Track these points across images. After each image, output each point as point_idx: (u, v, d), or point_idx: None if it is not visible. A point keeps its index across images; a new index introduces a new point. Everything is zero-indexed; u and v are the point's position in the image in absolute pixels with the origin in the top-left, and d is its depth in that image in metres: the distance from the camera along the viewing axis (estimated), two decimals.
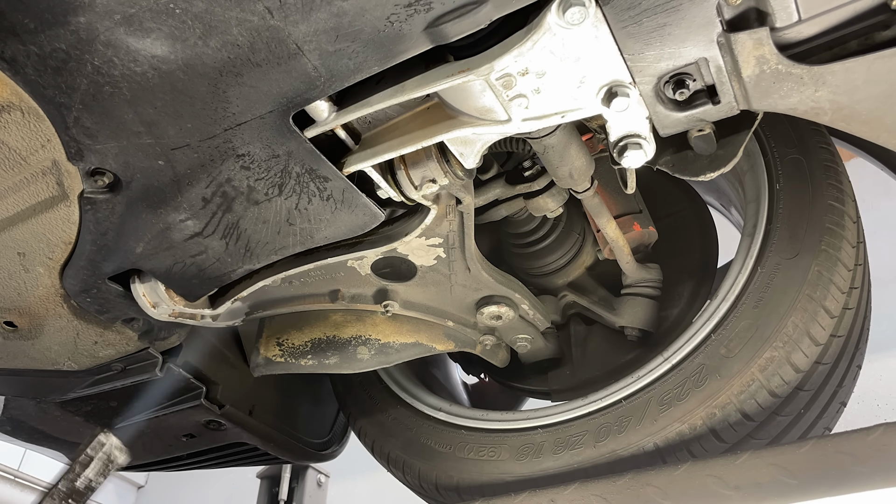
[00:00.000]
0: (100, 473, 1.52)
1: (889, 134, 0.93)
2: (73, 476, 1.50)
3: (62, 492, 1.47)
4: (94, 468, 1.52)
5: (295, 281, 1.45)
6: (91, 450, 1.53)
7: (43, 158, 1.03)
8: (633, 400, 1.37)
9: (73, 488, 1.49)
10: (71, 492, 1.48)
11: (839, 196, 1.34)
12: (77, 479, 1.50)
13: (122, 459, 1.60)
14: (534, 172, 1.52)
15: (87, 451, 1.53)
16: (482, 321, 1.57)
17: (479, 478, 1.48)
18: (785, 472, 1.02)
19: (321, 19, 0.83)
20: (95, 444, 1.54)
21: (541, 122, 1.00)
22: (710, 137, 1.08)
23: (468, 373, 2.16)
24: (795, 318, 1.25)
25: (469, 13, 0.82)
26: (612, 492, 1.15)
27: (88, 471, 1.51)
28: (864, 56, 0.86)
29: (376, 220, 1.15)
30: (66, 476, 1.49)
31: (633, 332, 1.66)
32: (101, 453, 1.52)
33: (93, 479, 1.51)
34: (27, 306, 1.29)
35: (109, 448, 1.55)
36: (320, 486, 2.78)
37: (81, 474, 1.50)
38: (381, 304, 1.48)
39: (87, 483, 1.50)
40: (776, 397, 1.24)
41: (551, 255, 1.75)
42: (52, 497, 1.45)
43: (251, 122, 0.96)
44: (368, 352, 1.65)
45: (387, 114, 1.06)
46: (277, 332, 1.70)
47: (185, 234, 1.14)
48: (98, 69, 0.88)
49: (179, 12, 0.82)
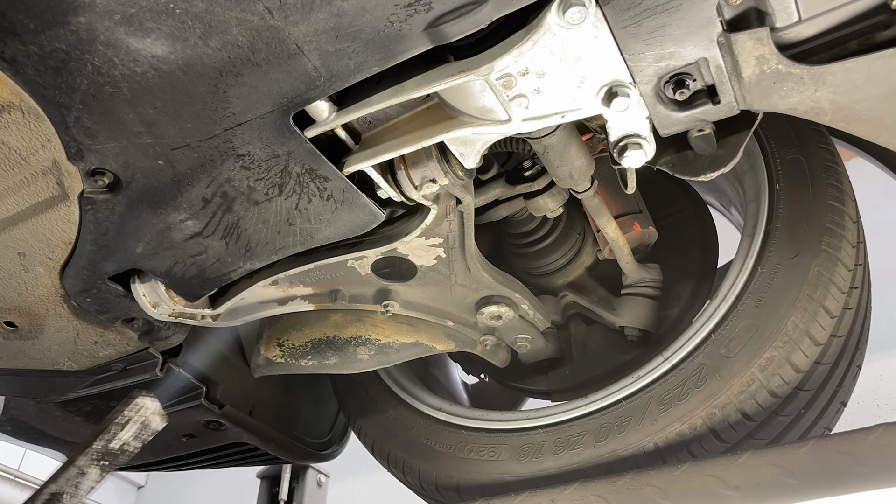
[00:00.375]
0: (136, 437, 1.45)
1: (889, 134, 0.93)
2: (108, 436, 1.42)
3: (97, 451, 1.40)
4: (130, 430, 1.44)
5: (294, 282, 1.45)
6: (129, 410, 1.44)
7: (43, 158, 1.03)
8: (633, 400, 1.37)
9: (107, 449, 1.41)
10: (105, 452, 1.41)
11: (839, 196, 1.34)
12: (112, 440, 1.42)
13: (158, 425, 1.51)
14: (534, 172, 1.52)
15: (124, 412, 1.45)
16: (482, 321, 1.57)
17: (479, 478, 1.48)
18: (785, 472, 1.02)
19: (321, 19, 0.83)
20: (134, 406, 1.46)
21: (541, 122, 1.00)
22: (711, 137, 1.08)
23: (468, 373, 2.16)
24: (795, 318, 1.25)
25: (469, 13, 0.82)
26: (612, 492, 1.15)
27: (124, 433, 1.43)
28: (864, 56, 0.86)
29: (376, 220, 1.15)
30: (101, 436, 1.42)
31: (633, 332, 1.66)
32: (139, 416, 1.45)
33: (128, 441, 1.44)
34: (27, 306, 1.29)
35: (148, 412, 1.47)
36: (320, 486, 2.78)
37: (117, 435, 1.43)
38: (381, 304, 1.48)
39: (122, 445, 1.43)
40: (776, 397, 1.24)
41: (551, 255, 1.75)
42: (86, 455, 1.39)
43: (251, 123, 0.96)
44: (368, 352, 1.65)
45: (387, 114, 1.06)
46: (278, 333, 1.70)
47: (185, 234, 1.14)
48: (98, 69, 0.88)
49: (179, 12, 0.82)
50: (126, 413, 1.44)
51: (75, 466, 1.37)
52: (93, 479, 1.40)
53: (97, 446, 1.40)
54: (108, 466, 1.41)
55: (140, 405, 1.45)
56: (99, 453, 1.40)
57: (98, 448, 1.40)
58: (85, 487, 1.38)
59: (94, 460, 1.39)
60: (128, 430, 1.44)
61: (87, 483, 1.39)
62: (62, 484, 1.36)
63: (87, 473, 1.39)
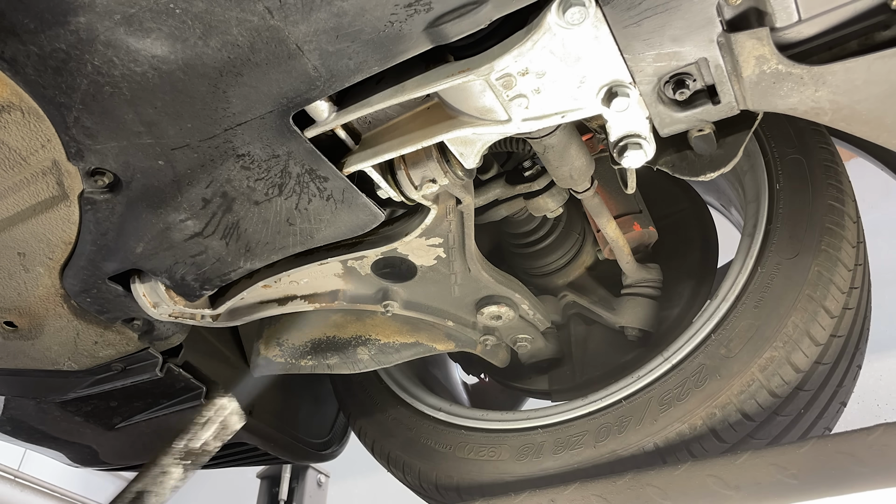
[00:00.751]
0: (216, 437, 1.47)
1: (889, 134, 0.93)
2: (190, 436, 1.45)
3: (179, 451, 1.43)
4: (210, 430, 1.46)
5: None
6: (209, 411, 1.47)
7: (43, 158, 1.03)
8: (633, 400, 1.37)
9: (189, 448, 1.44)
10: (187, 452, 1.44)
11: (839, 196, 1.34)
12: (193, 440, 1.45)
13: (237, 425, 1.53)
14: (534, 172, 1.52)
15: (207, 413, 1.48)
16: (482, 321, 1.57)
17: (479, 478, 1.48)
18: (785, 472, 1.02)
19: (321, 19, 0.83)
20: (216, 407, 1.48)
21: (541, 122, 1.00)
22: (711, 137, 1.08)
23: (468, 373, 2.16)
24: (795, 318, 1.25)
25: (469, 13, 0.82)
26: (612, 492, 1.15)
27: (206, 433, 1.46)
28: (864, 56, 0.86)
29: (376, 220, 1.15)
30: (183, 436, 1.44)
31: (633, 332, 1.66)
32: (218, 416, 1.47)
33: (209, 442, 1.46)
34: (27, 306, 1.29)
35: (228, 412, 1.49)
36: (320, 486, 2.78)
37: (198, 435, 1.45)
38: (381, 304, 1.48)
39: (203, 445, 1.45)
40: (776, 397, 1.24)
41: (551, 255, 1.75)
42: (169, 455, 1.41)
43: (251, 123, 0.96)
44: (368, 352, 1.65)
45: (387, 114, 1.06)
46: (278, 332, 1.70)
47: (185, 234, 1.14)
48: (98, 69, 0.88)
49: (179, 12, 0.82)
50: (206, 413, 1.46)
51: (158, 466, 1.40)
52: (176, 477, 1.42)
53: (179, 446, 1.43)
54: (190, 466, 1.44)
55: (220, 406, 1.48)
56: (181, 453, 1.43)
57: (180, 448, 1.44)
58: (168, 486, 1.40)
59: (176, 460, 1.42)
60: (208, 430, 1.46)
61: (171, 482, 1.41)
62: (146, 483, 1.38)
63: (170, 472, 1.42)
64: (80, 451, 1.88)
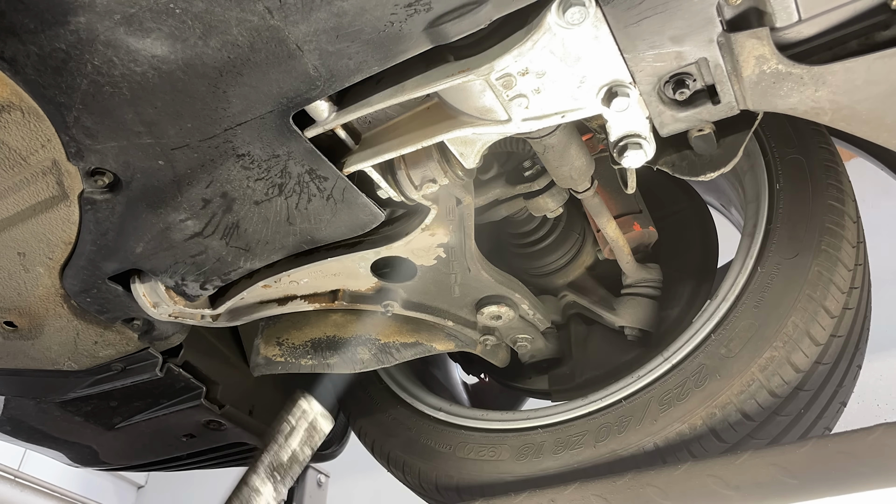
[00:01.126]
0: (304, 443, 1.39)
1: (889, 134, 0.93)
2: (276, 448, 1.36)
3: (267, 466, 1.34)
4: (298, 438, 1.39)
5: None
6: (293, 418, 1.40)
7: (43, 158, 1.03)
8: (633, 400, 1.37)
9: (278, 462, 1.35)
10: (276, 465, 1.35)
11: (839, 196, 1.34)
12: (281, 451, 1.36)
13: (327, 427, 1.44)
14: (534, 172, 1.52)
15: (288, 420, 1.40)
16: (482, 321, 1.57)
17: (479, 478, 1.48)
18: (785, 472, 1.02)
19: (321, 19, 0.83)
20: (297, 412, 1.41)
21: (541, 121, 1.00)
22: (711, 137, 1.08)
23: (468, 373, 2.16)
24: (795, 318, 1.25)
25: (469, 13, 0.82)
26: (612, 492, 1.15)
27: (293, 441, 1.38)
28: (864, 56, 0.86)
29: (376, 220, 1.15)
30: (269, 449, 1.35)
31: (632, 331, 1.66)
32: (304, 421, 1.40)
33: (298, 450, 1.38)
34: (27, 306, 1.29)
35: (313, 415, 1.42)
36: (320, 486, 2.78)
37: (285, 445, 1.37)
38: (381, 304, 1.48)
39: (293, 455, 1.37)
40: (776, 397, 1.24)
41: (551, 255, 1.75)
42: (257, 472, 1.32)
43: (251, 122, 0.96)
44: (368, 352, 1.65)
45: (387, 114, 1.06)
46: (277, 332, 1.70)
47: (185, 234, 1.14)
48: (98, 69, 0.88)
49: (179, 12, 0.82)
50: (290, 420, 1.40)
51: (248, 486, 1.33)
52: (268, 495, 1.34)
53: (266, 461, 1.36)
54: (281, 480, 1.37)
55: (303, 409, 1.42)
56: (270, 468, 1.36)
57: (268, 463, 1.36)
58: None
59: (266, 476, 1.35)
60: (295, 438, 1.40)
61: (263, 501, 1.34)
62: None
63: (261, 491, 1.34)
64: (80, 451, 1.88)
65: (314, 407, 1.42)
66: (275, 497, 1.34)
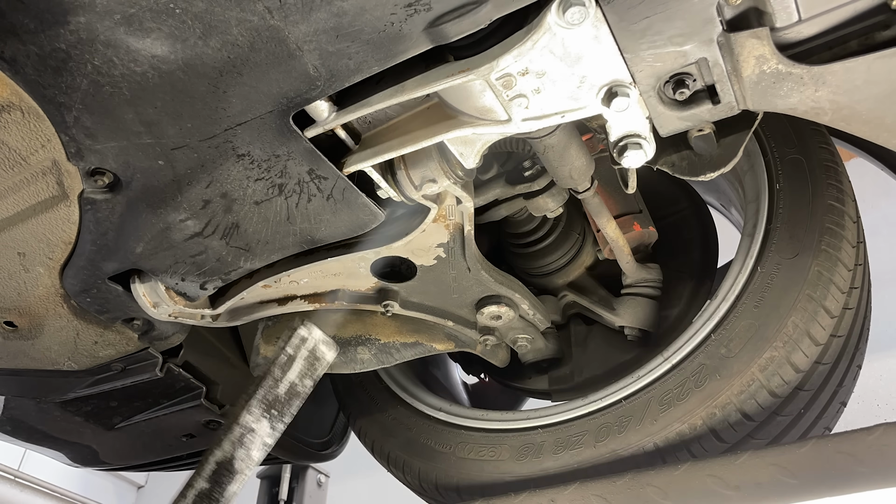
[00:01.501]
0: (305, 375, 1.23)
1: (889, 134, 0.93)
2: (271, 381, 1.21)
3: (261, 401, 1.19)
4: (296, 370, 1.23)
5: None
6: (291, 347, 1.24)
7: (43, 158, 1.03)
8: (633, 400, 1.37)
9: (274, 396, 1.20)
10: (273, 401, 1.20)
11: (839, 196, 1.34)
12: (278, 385, 1.21)
13: (331, 356, 1.29)
14: (534, 172, 1.52)
15: (286, 350, 1.24)
16: (482, 321, 1.57)
17: (479, 478, 1.48)
18: (785, 472, 1.02)
19: (321, 19, 0.83)
20: (295, 341, 1.25)
21: (541, 121, 1.00)
22: (711, 137, 1.08)
23: (468, 373, 2.16)
24: (795, 318, 1.25)
25: (469, 13, 0.82)
26: (612, 492, 1.15)
27: (291, 373, 1.22)
28: (864, 56, 0.86)
29: (376, 220, 1.15)
30: (263, 383, 1.20)
31: (632, 331, 1.66)
32: (304, 350, 1.24)
33: (297, 382, 1.23)
34: (27, 306, 1.29)
35: (313, 343, 1.26)
36: (320, 486, 2.78)
37: (282, 378, 1.22)
38: (381, 304, 1.48)
39: (291, 388, 1.22)
40: (776, 397, 1.24)
41: (551, 255, 1.75)
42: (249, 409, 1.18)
43: (251, 122, 0.96)
44: (368, 352, 1.65)
45: (387, 114, 1.06)
46: (278, 332, 1.70)
47: (185, 234, 1.14)
48: (98, 69, 0.88)
49: (179, 12, 0.82)
50: (287, 350, 1.24)
51: (240, 425, 1.17)
52: (264, 434, 1.19)
53: (260, 395, 1.19)
54: (278, 416, 1.22)
55: (301, 336, 1.27)
56: (264, 403, 1.19)
57: (261, 397, 1.20)
58: (257, 446, 1.19)
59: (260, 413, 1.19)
60: (294, 369, 1.23)
61: (259, 440, 1.19)
62: (228, 449, 1.16)
63: (256, 430, 1.19)
64: (80, 451, 1.88)
65: (315, 334, 1.28)
66: (271, 434, 1.21)
